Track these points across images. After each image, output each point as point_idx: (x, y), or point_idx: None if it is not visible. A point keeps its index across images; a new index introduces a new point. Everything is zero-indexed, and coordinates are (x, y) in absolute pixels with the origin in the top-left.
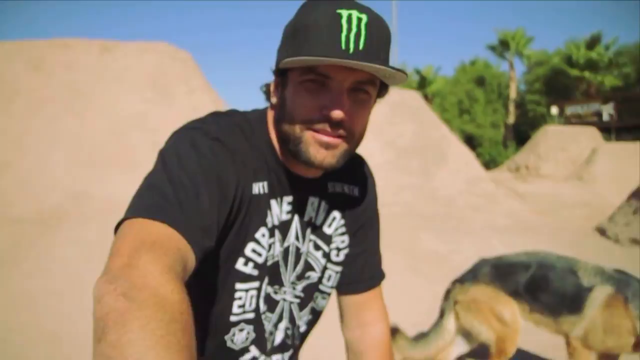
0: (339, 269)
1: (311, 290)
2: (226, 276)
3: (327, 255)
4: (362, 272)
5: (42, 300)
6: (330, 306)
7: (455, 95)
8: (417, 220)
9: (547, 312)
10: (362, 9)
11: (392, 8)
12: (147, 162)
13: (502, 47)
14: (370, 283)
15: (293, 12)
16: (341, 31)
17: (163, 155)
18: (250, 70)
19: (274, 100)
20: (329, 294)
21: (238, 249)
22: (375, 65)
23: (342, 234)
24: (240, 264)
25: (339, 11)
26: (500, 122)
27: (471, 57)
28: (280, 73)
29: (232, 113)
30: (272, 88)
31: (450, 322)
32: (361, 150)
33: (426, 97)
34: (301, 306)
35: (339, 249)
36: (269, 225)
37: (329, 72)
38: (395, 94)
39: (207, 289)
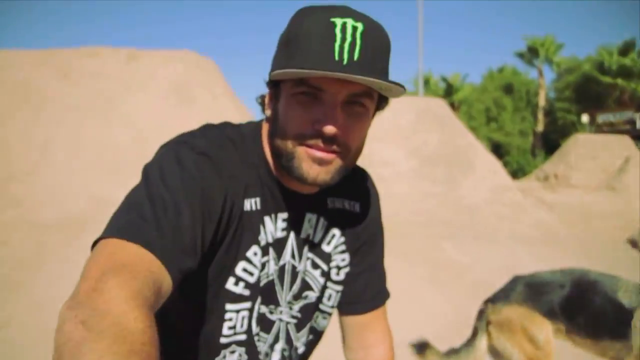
0: (339, 288)
1: (309, 311)
2: (215, 296)
3: (326, 274)
4: (364, 292)
5: None
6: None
7: (482, 103)
8: (440, 229)
9: (586, 335)
10: (358, 17)
11: (419, 15)
12: None
13: (531, 54)
14: (373, 303)
15: None
16: (335, 41)
17: (147, 170)
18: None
19: (268, 112)
20: (329, 314)
21: (228, 268)
22: (368, 78)
23: (342, 252)
24: (230, 284)
25: (333, 19)
26: (528, 130)
27: (499, 65)
28: (274, 85)
29: (225, 126)
30: (266, 100)
31: (482, 342)
32: (385, 158)
33: (453, 105)
34: (298, 327)
35: (339, 268)
36: (262, 243)
37: (321, 85)
38: (420, 101)
39: (195, 308)
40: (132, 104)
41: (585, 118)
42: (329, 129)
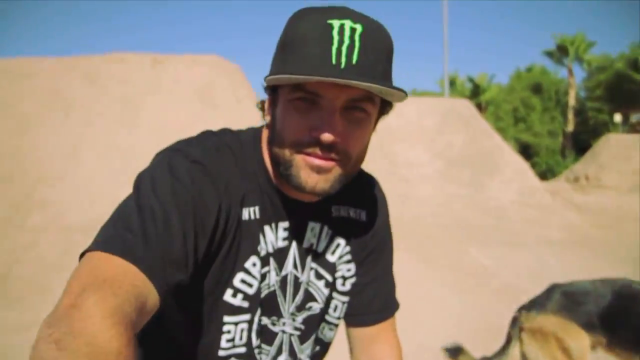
0: (345, 299)
1: (313, 322)
2: (213, 308)
3: (330, 285)
4: (371, 303)
5: None
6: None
7: (510, 103)
8: (465, 232)
9: (630, 349)
10: (357, 18)
11: (444, 15)
12: None
13: (561, 52)
14: (381, 315)
15: None
16: (332, 44)
17: (138, 179)
18: None
19: (267, 118)
20: (336, 325)
21: (225, 279)
22: (366, 83)
23: (348, 262)
24: (228, 296)
25: (330, 21)
26: (558, 131)
27: (527, 64)
28: (272, 90)
29: (224, 132)
30: (266, 106)
31: (515, 350)
32: (410, 159)
33: (479, 106)
34: (302, 338)
35: (344, 278)
36: (262, 253)
37: (318, 90)
38: (445, 102)
39: (193, 320)
40: (157, 108)
41: (617, 117)
42: (327, 137)
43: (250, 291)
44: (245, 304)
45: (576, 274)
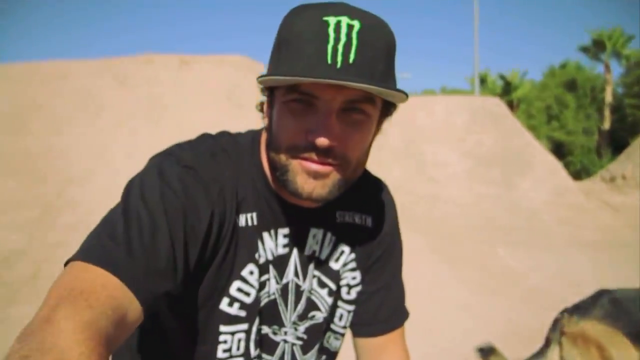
0: (351, 307)
1: (316, 332)
2: (208, 318)
3: (334, 293)
4: (378, 312)
5: None
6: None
7: (543, 101)
8: (495, 233)
9: None
10: (354, 14)
11: (474, 11)
12: None
13: (597, 48)
14: (388, 325)
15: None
16: (327, 42)
17: (129, 185)
18: None
19: (265, 121)
20: (342, 334)
21: (221, 288)
22: (362, 84)
23: (353, 269)
24: (224, 305)
25: (326, 18)
26: (593, 129)
27: (560, 60)
28: (270, 91)
29: (221, 135)
30: (264, 108)
31: (554, 355)
32: (438, 159)
33: (511, 104)
34: (305, 348)
35: (349, 286)
36: (261, 260)
37: (313, 91)
38: (475, 100)
39: (188, 330)
40: (184, 108)
41: None
42: (322, 141)
43: (248, 300)
44: (242, 313)
45: (610, 278)
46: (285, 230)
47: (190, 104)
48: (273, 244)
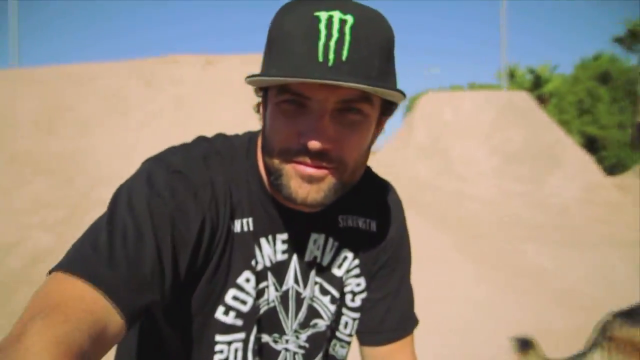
0: (355, 315)
1: (319, 340)
2: (203, 327)
3: (337, 301)
4: (384, 320)
5: None
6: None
7: (574, 95)
8: (523, 230)
9: None
10: (347, 8)
11: (502, 5)
12: None
13: (632, 38)
14: (395, 334)
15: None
16: (319, 39)
17: (117, 192)
18: None
19: (261, 123)
20: (348, 342)
21: (216, 296)
22: (352, 84)
23: (357, 275)
24: (219, 313)
25: (317, 14)
26: (628, 123)
27: (593, 53)
28: (263, 92)
29: (217, 138)
30: (261, 109)
31: (598, 358)
32: (465, 155)
33: (541, 98)
34: (307, 357)
35: (354, 293)
36: (259, 267)
37: (304, 92)
38: (502, 95)
39: (184, 339)
40: (208, 108)
41: None
42: (314, 144)
43: (244, 308)
44: (239, 322)
45: None
46: (284, 236)
47: (214, 104)
48: (271, 250)
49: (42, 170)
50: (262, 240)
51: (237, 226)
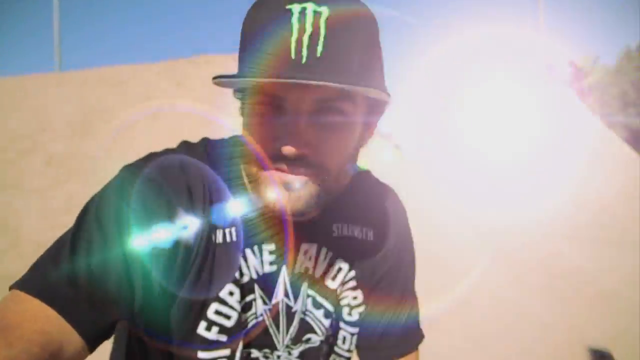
0: (353, 330)
1: (312, 356)
2: (185, 343)
3: (331, 315)
4: (384, 336)
5: None
6: None
7: (618, 87)
8: (560, 229)
9: None
10: None
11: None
12: None
13: None
14: (396, 350)
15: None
16: (291, 34)
17: (88, 202)
18: None
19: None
20: (348, 358)
21: (197, 311)
22: (323, 82)
23: (353, 288)
24: (201, 329)
25: (289, 6)
26: None
27: (637, 42)
28: (242, 94)
29: (201, 142)
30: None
31: None
32: (493, 152)
33: (582, 91)
34: None
35: (350, 307)
36: (244, 279)
37: (277, 92)
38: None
39: (167, 355)
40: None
41: None
42: (288, 150)
43: (228, 323)
44: (223, 338)
45: None
46: (271, 247)
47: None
48: (257, 261)
49: (76, 171)
50: (247, 251)
51: (219, 236)
